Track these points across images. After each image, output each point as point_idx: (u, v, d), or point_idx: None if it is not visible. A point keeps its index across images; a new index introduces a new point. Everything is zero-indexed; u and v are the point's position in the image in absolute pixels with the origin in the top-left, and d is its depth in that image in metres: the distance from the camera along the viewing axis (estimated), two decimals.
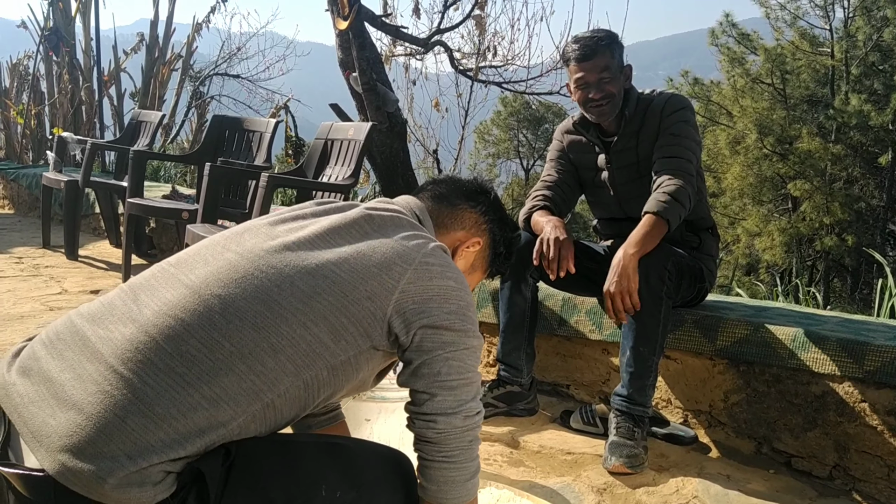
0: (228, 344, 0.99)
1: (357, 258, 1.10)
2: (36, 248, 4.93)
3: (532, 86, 6.46)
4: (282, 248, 1.10)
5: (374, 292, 1.08)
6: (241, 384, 0.99)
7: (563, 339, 2.58)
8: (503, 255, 1.42)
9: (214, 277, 1.06)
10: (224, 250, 1.12)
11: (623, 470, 1.98)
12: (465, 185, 1.40)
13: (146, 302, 1.05)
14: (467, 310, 1.16)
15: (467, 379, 1.14)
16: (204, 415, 0.96)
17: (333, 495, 1.02)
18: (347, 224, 1.17)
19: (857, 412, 1.95)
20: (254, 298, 1.03)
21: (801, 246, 15.42)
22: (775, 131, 15.22)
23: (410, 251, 1.13)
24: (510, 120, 25.09)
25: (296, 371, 1.03)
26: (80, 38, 8.54)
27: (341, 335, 1.06)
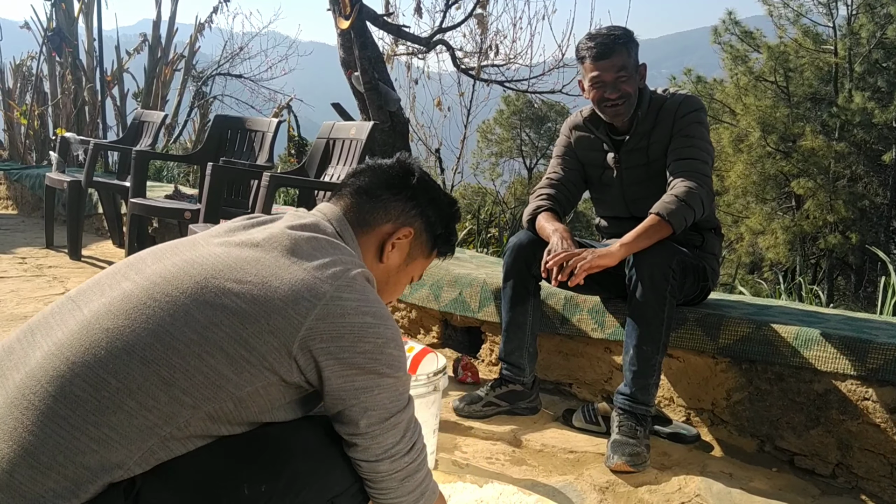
0: (115, 381, 0.94)
1: (261, 290, 1.01)
2: (39, 249, 4.94)
3: (534, 84, 6.47)
4: (182, 274, 1.03)
5: (278, 327, 1.00)
6: (132, 421, 0.93)
7: (565, 337, 2.58)
8: (443, 235, 1.34)
9: (106, 310, 1.00)
10: (122, 279, 1.06)
11: (625, 468, 1.97)
12: (386, 171, 1.30)
13: (39, 343, 1.00)
14: (385, 347, 1.06)
15: (389, 424, 1.08)
16: (94, 458, 0.92)
17: (258, 490, 0.99)
18: (257, 250, 1.08)
19: (860, 410, 1.95)
20: (143, 330, 0.97)
21: (805, 244, 15.37)
22: (778, 129, 15.17)
23: (322, 284, 1.03)
24: (513, 119, 25.06)
25: (194, 404, 0.96)
26: (83, 38, 8.56)
27: (243, 367, 0.99)
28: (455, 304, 2.85)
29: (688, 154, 2.16)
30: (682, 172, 2.13)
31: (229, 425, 1.01)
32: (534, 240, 2.27)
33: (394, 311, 3.17)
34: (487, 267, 3.08)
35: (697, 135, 2.19)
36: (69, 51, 8.32)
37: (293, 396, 1.06)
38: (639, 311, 2.06)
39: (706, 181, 2.13)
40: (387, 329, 1.08)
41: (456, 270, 2.94)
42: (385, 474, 1.09)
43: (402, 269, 1.30)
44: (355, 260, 1.14)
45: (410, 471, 1.11)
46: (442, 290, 2.91)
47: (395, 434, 1.09)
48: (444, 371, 1.94)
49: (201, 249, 1.09)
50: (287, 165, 7.99)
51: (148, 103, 8.66)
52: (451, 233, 1.36)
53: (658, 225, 2.06)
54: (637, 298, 2.06)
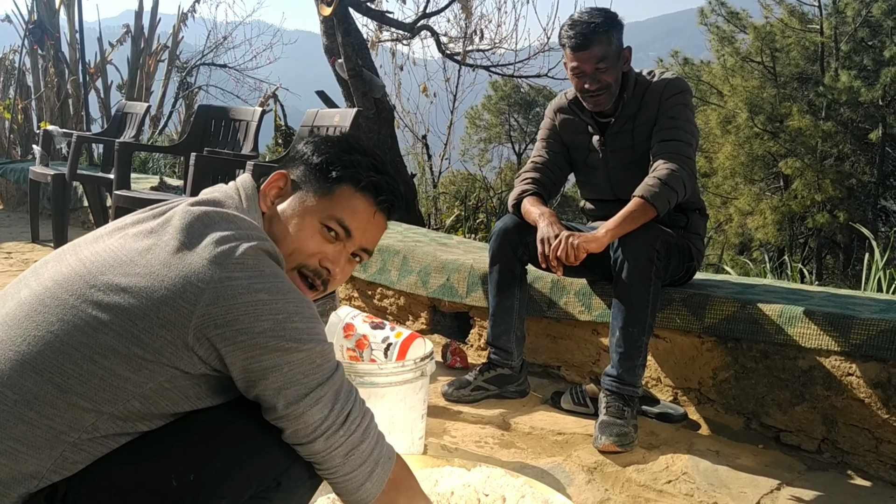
0: (11, 393, 0.92)
1: (149, 280, 0.96)
2: (25, 243, 4.91)
3: (520, 69, 6.43)
4: (73, 275, 0.99)
5: (168, 319, 0.95)
6: (35, 431, 0.92)
7: (552, 320, 2.59)
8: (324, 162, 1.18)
9: (2, 322, 0.98)
10: (23, 287, 1.03)
11: (613, 448, 1.99)
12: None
13: None
14: (287, 321, 1.00)
15: (311, 400, 1.01)
16: (4, 471, 0.91)
17: (187, 479, 0.96)
18: (151, 237, 1.02)
19: (844, 386, 1.97)
20: (34, 338, 0.94)
21: (794, 224, 15.44)
22: (766, 110, 15.19)
23: (209, 266, 0.97)
24: (501, 104, 24.99)
25: (95, 408, 0.94)
26: (65, 30, 8.47)
27: (139, 365, 0.95)
28: (443, 290, 2.86)
29: (671, 136, 2.16)
30: (664, 154, 2.13)
31: (144, 421, 0.98)
32: (519, 224, 2.27)
33: (382, 297, 3.17)
34: (475, 252, 3.08)
35: (682, 116, 2.19)
36: (51, 43, 8.24)
37: (205, 384, 1.02)
38: (624, 294, 2.07)
39: (688, 163, 2.14)
40: (286, 303, 1.00)
41: (443, 256, 2.94)
42: (325, 453, 1.03)
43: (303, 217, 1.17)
44: (251, 233, 1.06)
45: (352, 443, 1.05)
46: (430, 276, 2.91)
47: (320, 409, 1.02)
48: (431, 356, 1.94)
49: (100, 244, 1.04)
50: (275, 155, 7.94)
51: (132, 95, 8.60)
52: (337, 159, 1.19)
53: (642, 208, 2.06)
54: (622, 281, 2.07)
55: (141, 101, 8.35)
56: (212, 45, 11.39)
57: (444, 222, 5.68)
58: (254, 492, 1.02)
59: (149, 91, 8.94)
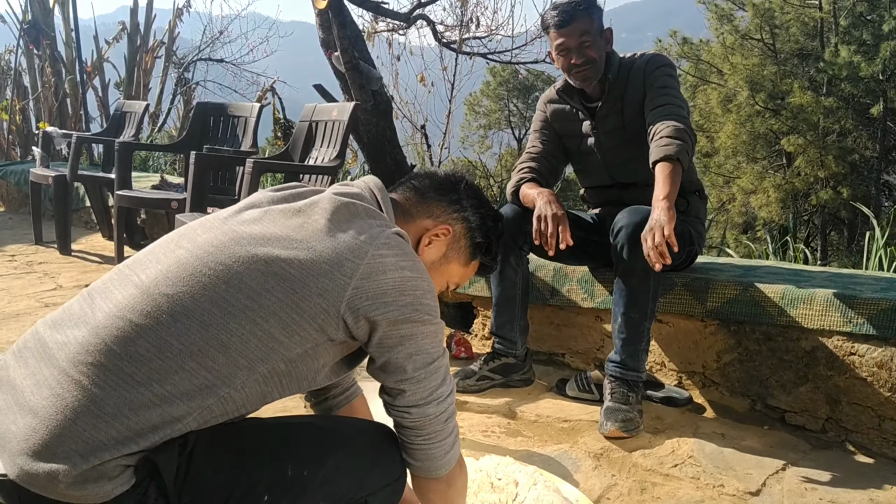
0: (177, 343, 1.00)
1: (308, 254, 1.08)
2: (28, 245, 4.92)
3: (518, 55, 6.41)
4: (232, 243, 1.09)
5: (326, 289, 1.06)
6: (193, 381, 1.00)
7: (555, 308, 2.59)
8: (483, 244, 1.36)
9: (164, 276, 1.06)
10: (176, 248, 1.12)
11: (619, 434, 2.00)
12: (440, 176, 1.37)
13: (100, 305, 1.06)
14: (424, 297, 1.13)
15: (433, 368, 1.15)
16: (157, 412, 0.98)
17: (300, 473, 1.05)
18: (300, 216, 1.15)
19: (847, 365, 1.97)
20: (202, 296, 1.03)
21: (797, 201, 15.40)
22: (766, 87, 15.12)
23: (363, 245, 1.10)
24: (500, 90, 24.91)
25: (249, 365, 1.03)
26: (61, 29, 8.44)
27: (294, 330, 1.05)
28: None
29: (663, 101, 2.17)
30: (661, 117, 2.13)
31: (280, 386, 1.08)
32: (519, 213, 2.28)
33: None
34: None
35: (670, 85, 2.21)
36: (47, 43, 8.22)
37: (338, 355, 1.15)
38: (625, 280, 2.08)
39: (686, 121, 2.13)
40: (423, 281, 1.14)
41: None
42: (433, 416, 1.15)
43: (436, 267, 1.32)
44: (391, 223, 1.20)
45: (451, 412, 1.18)
46: None
47: (437, 377, 1.15)
48: None
49: (247, 218, 1.16)
50: (275, 149, 7.93)
51: (130, 93, 8.58)
52: (492, 244, 1.39)
53: (671, 167, 2.00)
54: (623, 267, 2.07)
55: (139, 98, 8.35)
56: (208, 39, 11.36)
57: None
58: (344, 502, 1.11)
59: (146, 88, 8.91)
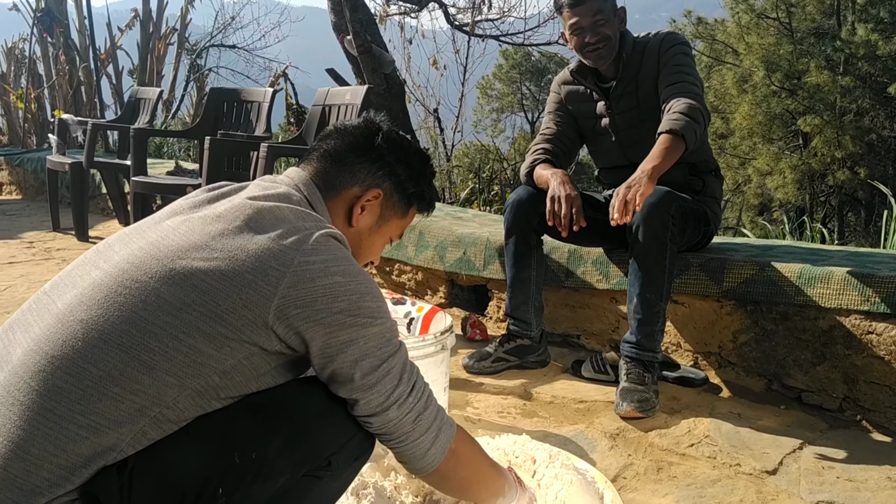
0: (95, 370, 0.96)
1: (229, 264, 1.02)
2: (46, 232, 4.97)
3: (530, 37, 6.38)
4: (149, 258, 1.04)
5: (251, 300, 1.01)
6: (119, 406, 0.96)
7: (571, 290, 2.59)
8: (417, 192, 1.31)
9: (78, 301, 1.02)
10: (92, 268, 1.07)
11: (634, 414, 2.00)
12: (352, 132, 1.28)
13: (19, 340, 1.02)
14: (361, 301, 1.07)
15: (383, 371, 1.08)
16: (86, 445, 0.95)
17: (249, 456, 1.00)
18: (220, 222, 1.08)
19: (864, 344, 1.97)
20: (118, 318, 0.99)
21: (814, 182, 15.26)
22: (783, 67, 14.94)
23: (287, 251, 1.04)
24: (512, 73, 24.79)
25: (179, 383, 0.98)
26: (74, 17, 8.46)
27: (222, 343, 1.00)
28: (460, 264, 2.87)
29: (678, 79, 2.17)
30: (675, 94, 2.13)
31: (219, 398, 1.03)
32: (533, 194, 2.27)
33: (399, 273, 3.20)
34: (490, 225, 3.09)
35: (684, 63, 2.20)
36: (60, 31, 8.24)
37: (278, 362, 1.08)
38: (640, 260, 2.07)
39: (700, 99, 2.13)
40: (358, 284, 1.08)
41: (459, 230, 2.95)
42: (396, 421, 1.10)
43: (374, 230, 1.29)
44: (321, 224, 1.13)
45: (419, 409, 1.12)
46: (447, 250, 2.93)
47: (391, 379, 1.09)
48: (451, 330, 1.96)
49: (165, 229, 1.09)
50: (288, 134, 7.94)
51: (143, 80, 8.60)
52: (426, 189, 1.33)
53: (672, 142, 2.01)
54: (638, 247, 2.07)
55: (152, 85, 8.36)
56: (220, 26, 11.35)
57: (458, 196, 5.67)
58: (307, 469, 1.07)
59: (160, 75, 8.92)
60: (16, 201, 6.75)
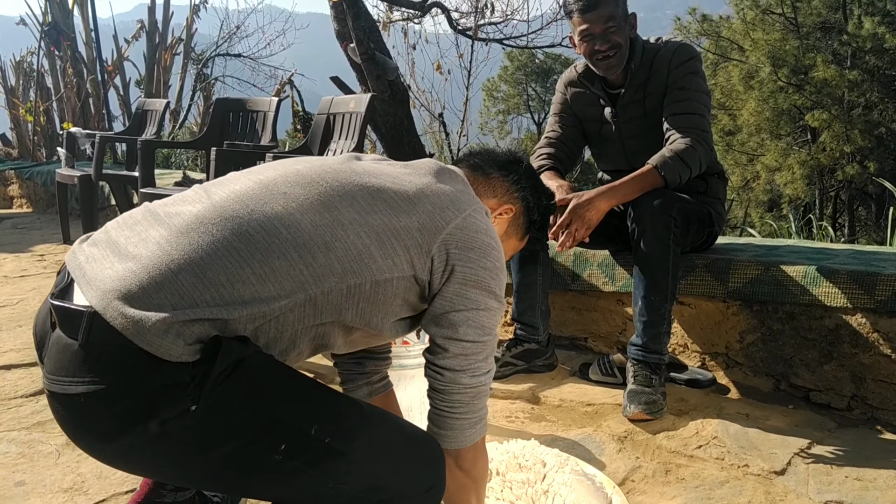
0: (286, 232, 1.05)
1: (415, 192, 1.16)
2: (57, 245, 5.01)
3: (534, 39, 6.38)
4: (348, 170, 1.17)
5: (425, 226, 1.14)
6: (291, 270, 1.04)
7: (577, 293, 2.60)
8: (538, 222, 1.45)
9: (283, 179, 1.13)
10: (294, 163, 1.19)
11: (642, 416, 2.01)
12: (499, 155, 1.43)
13: (217, 192, 1.12)
14: (500, 272, 1.20)
15: (482, 341, 1.18)
16: (250, 289, 1.01)
17: (321, 438, 1.03)
18: (408, 168, 1.24)
19: (871, 342, 1.96)
20: (317, 201, 1.10)
21: (823, 177, 15.18)
22: (789, 62, 14.87)
23: (463, 202, 1.19)
24: (518, 74, 24.78)
25: (342, 273, 1.07)
26: (80, 30, 8.53)
27: (389, 255, 1.11)
28: None
29: (684, 108, 2.15)
30: (680, 129, 2.12)
31: (357, 308, 1.11)
32: None
33: None
34: None
35: (693, 86, 2.17)
36: (67, 44, 8.31)
37: (412, 301, 1.17)
38: (644, 262, 2.08)
39: (705, 136, 2.13)
40: (501, 259, 1.21)
41: None
42: (462, 387, 1.18)
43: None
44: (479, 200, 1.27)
45: (482, 392, 1.21)
46: None
47: (481, 350, 1.19)
48: None
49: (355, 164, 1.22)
50: (295, 141, 7.98)
51: (150, 90, 8.66)
52: (546, 222, 1.48)
53: (650, 175, 2.08)
54: (641, 250, 2.07)
55: (159, 95, 8.42)
56: (225, 35, 11.41)
57: None
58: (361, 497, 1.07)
59: (166, 85, 8.98)
60: (26, 214, 6.81)
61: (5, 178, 7.47)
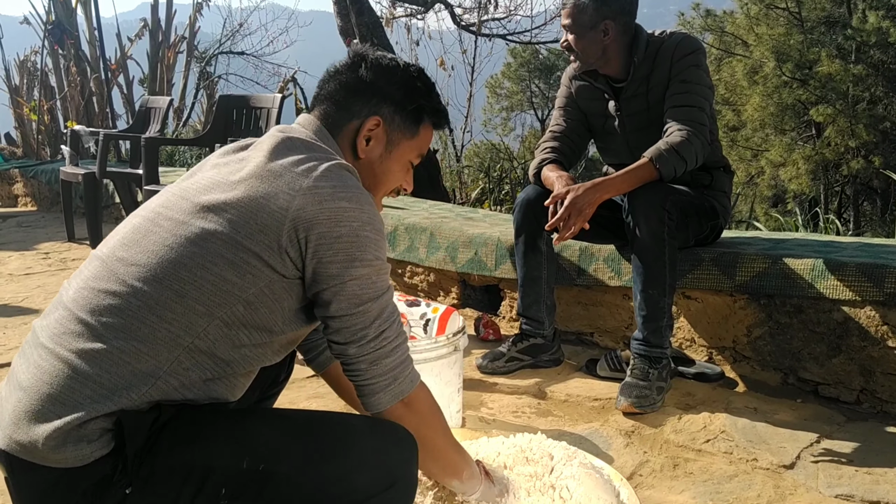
0: (135, 300, 1.05)
1: (246, 193, 1.11)
2: (61, 243, 5.01)
3: (537, 35, 6.37)
4: (179, 199, 1.14)
5: (265, 224, 1.08)
6: (156, 334, 1.04)
7: (583, 288, 2.59)
8: (418, 108, 1.30)
9: (120, 243, 1.13)
10: (133, 217, 1.19)
11: (631, 410, 2.00)
12: (341, 70, 1.30)
13: (72, 284, 1.14)
14: (361, 230, 1.11)
15: (360, 310, 1.12)
16: (127, 369, 1.02)
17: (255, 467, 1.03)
18: (241, 161, 1.18)
19: (880, 335, 1.95)
20: (152, 252, 1.09)
21: (828, 172, 15.12)
22: (793, 57, 14.80)
23: (298, 178, 1.11)
24: (521, 71, 24.72)
25: (207, 311, 1.06)
26: (84, 28, 8.53)
27: (244, 270, 1.08)
28: (472, 265, 2.87)
29: (684, 101, 2.13)
30: (679, 121, 2.11)
31: (246, 330, 1.10)
32: (541, 193, 2.27)
33: (412, 275, 3.20)
34: (501, 225, 3.09)
35: (695, 79, 2.15)
36: (71, 43, 8.31)
37: (296, 293, 1.14)
38: (640, 257, 2.07)
39: (702, 130, 2.11)
40: (362, 213, 1.13)
41: (470, 231, 2.95)
42: (353, 357, 1.15)
43: (386, 157, 1.30)
44: (331, 155, 1.19)
45: (378, 356, 1.15)
46: (458, 251, 2.93)
47: (363, 319, 1.13)
48: (463, 331, 1.97)
49: (197, 177, 1.19)
50: None
51: (154, 88, 8.66)
52: (424, 102, 1.31)
53: (645, 168, 2.07)
54: (636, 244, 2.07)
55: (163, 93, 8.41)
56: (228, 33, 11.41)
57: (469, 196, 5.67)
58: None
59: (170, 83, 8.97)
60: (31, 213, 6.81)
61: (10, 176, 7.48)
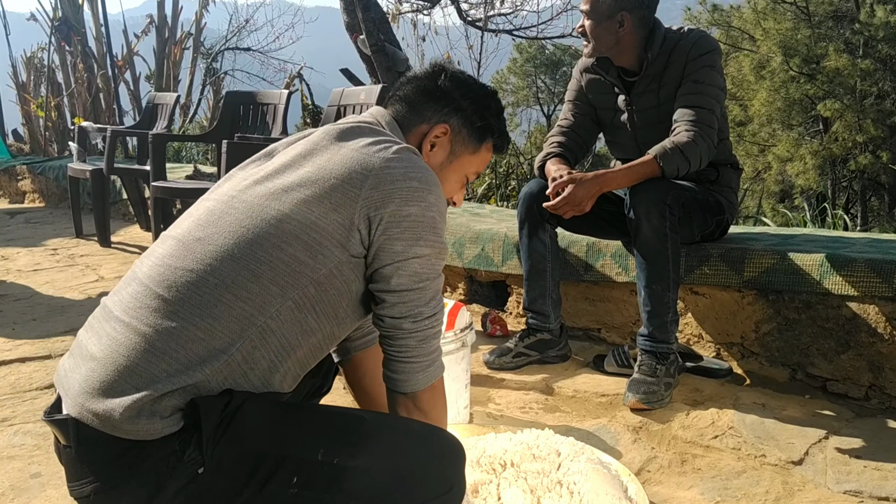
0: (213, 278, 1.07)
1: (319, 174, 1.13)
2: (69, 239, 5.03)
3: (543, 30, 6.35)
4: (252, 184, 1.16)
5: (339, 203, 1.11)
6: (231, 312, 1.06)
7: (590, 283, 2.59)
8: (485, 126, 1.35)
9: (195, 224, 1.15)
10: (204, 201, 1.21)
11: (640, 406, 2.00)
12: (421, 77, 1.36)
13: (144, 262, 1.16)
14: (428, 210, 1.14)
15: (418, 287, 1.15)
16: (202, 345, 1.04)
17: (330, 460, 1.04)
18: (310, 144, 1.20)
19: (889, 331, 1.94)
20: (229, 233, 1.10)
21: (835, 167, 15.07)
22: (801, 51, 14.75)
23: (370, 158, 1.14)
24: (527, 66, 24.70)
25: (281, 292, 1.08)
26: (90, 25, 8.56)
27: (317, 250, 1.10)
28: (478, 260, 2.87)
29: (694, 102, 2.12)
30: (687, 121, 2.10)
31: (314, 314, 1.12)
32: (544, 186, 2.26)
33: None
34: (507, 220, 3.09)
35: (708, 80, 2.14)
36: (78, 39, 8.35)
37: (363, 272, 1.16)
38: (643, 252, 2.07)
39: (710, 132, 2.10)
40: (430, 194, 1.15)
41: (477, 226, 2.95)
42: (405, 332, 1.16)
43: (447, 167, 1.34)
44: (400, 141, 1.22)
45: (428, 335, 1.18)
46: (464, 247, 2.93)
47: (421, 296, 1.16)
48: (470, 326, 1.97)
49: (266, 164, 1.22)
50: None
51: (160, 85, 8.68)
52: (493, 122, 1.37)
53: (648, 165, 2.07)
54: (639, 239, 2.07)
55: (169, 90, 8.44)
56: (234, 29, 11.43)
57: (475, 191, 5.67)
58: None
59: (176, 80, 9.00)
60: (39, 209, 6.84)
61: (18, 173, 7.51)
